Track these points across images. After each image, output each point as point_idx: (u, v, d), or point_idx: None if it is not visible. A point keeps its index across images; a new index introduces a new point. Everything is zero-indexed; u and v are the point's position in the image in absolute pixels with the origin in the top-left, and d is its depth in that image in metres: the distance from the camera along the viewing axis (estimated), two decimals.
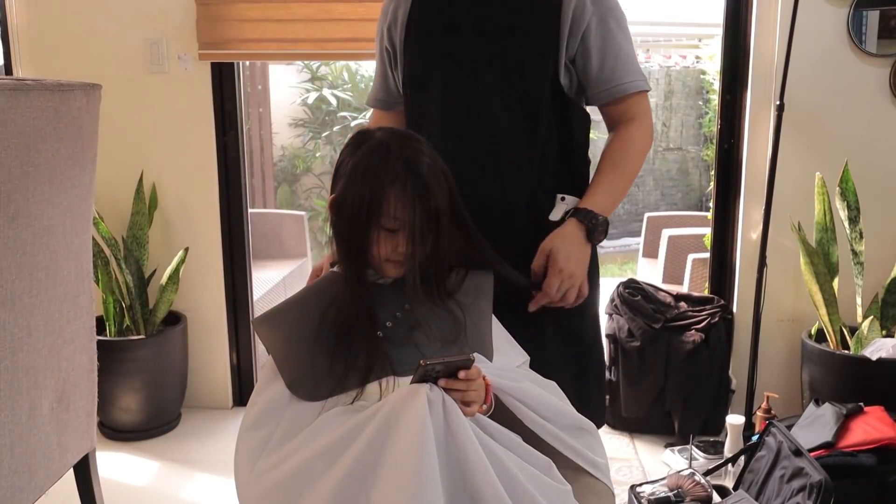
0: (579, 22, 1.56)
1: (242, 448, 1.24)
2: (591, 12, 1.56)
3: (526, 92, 1.57)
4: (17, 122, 1.52)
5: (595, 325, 1.73)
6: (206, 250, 3.12)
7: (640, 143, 1.63)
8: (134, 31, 2.98)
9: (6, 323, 1.56)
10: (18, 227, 1.57)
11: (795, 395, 2.84)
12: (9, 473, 1.61)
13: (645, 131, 1.64)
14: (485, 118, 1.58)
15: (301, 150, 5.64)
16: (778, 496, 2.17)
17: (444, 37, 1.61)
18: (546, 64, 1.56)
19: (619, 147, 1.62)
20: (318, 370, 1.25)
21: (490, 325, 1.39)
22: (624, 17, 1.62)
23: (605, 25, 1.57)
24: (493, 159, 1.57)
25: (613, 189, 1.59)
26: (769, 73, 2.80)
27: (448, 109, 1.61)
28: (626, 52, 1.60)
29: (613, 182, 1.59)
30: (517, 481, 1.14)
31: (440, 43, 1.61)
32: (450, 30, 1.60)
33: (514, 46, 1.57)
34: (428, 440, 1.08)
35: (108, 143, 2.41)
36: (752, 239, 2.92)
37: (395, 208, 1.24)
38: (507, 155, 1.57)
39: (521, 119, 1.57)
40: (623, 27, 1.61)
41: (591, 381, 1.70)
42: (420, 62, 1.64)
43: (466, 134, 1.59)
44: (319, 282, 1.38)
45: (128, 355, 2.90)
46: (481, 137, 1.58)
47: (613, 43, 1.58)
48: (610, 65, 1.58)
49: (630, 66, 1.60)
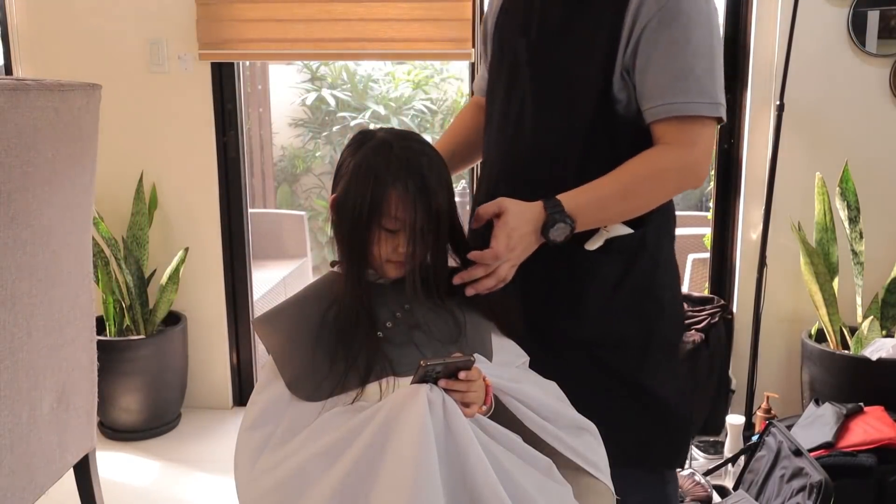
0: (636, 24, 1.32)
1: (242, 448, 1.24)
2: (653, 14, 1.31)
3: (571, 103, 1.40)
4: (17, 122, 1.52)
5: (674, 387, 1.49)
6: (206, 250, 3.12)
7: (663, 168, 1.34)
8: (134, 31, 2.98)
9: (6, 323, 1.56)
10: (18, 227, 1.57)
11: (795, 395, 2.84)
12: (9, 473, 1.61)
13: (679, 160, 1.34)
14: (526, 130, 1.45)
15: (301, 150, 5.64)
16: (778, 496, 2.17)
17: (518, 36, 1.47)
18: (592, 73, 1.36)
19: (636, 162, 1.35)
20: (318, 370, 1.25)
21: (490, 325, 1.39)
22: (701, 27, 1.32)
23: (664, 31, 1.31)
24: (526, 170, 1.45)
25: (602, 201, 1.35)
26: (769, 73, 2.80)
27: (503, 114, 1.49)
28: (686, 67, 1.31)
29: (605, 193, 1.35)
30: (516, 482, 1.14)
31: (511, 42, 1.49)
32: (523, 30, 1.46)
33: (564, 50, 1.40)
34: (428, 441, 1.08)
35: (108, 143, 2.40)
36: (752, 239, 2.92)
37: (396, 209, 1.24)
38: (540, 171, 1.44)
39: (561, 132, 1.42)
40: (692, 37, 1.31)
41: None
42: (495, 57, 1.55)
43: (512, 141, 1.48)
44: (319, 281, 1.38)
45: (128, 355, 2.90)
46: (522, 150, 1.46)
47: (669, 53, 1.31)
48: (658, 80, 1.32)
49: (687, 83, 1.31)
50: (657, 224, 1.46)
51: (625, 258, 1.44)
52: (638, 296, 1.45)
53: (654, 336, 1.47)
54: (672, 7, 1.31)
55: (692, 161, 1.35)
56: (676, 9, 1.31)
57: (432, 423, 1.10)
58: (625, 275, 1.44)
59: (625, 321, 1.46)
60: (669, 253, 1.51)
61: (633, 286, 1.45)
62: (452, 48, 2.87)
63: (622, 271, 1.44)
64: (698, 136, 1.33)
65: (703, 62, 1.32)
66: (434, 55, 3.26)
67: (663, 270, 1.49)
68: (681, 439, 1.56)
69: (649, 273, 1.46)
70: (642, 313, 1.46)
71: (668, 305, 1.50)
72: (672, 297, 1.52)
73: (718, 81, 1.34)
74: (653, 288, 1.47)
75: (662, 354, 1.49)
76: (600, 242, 1.41)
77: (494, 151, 1.54)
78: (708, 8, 1.34)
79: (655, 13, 1.31)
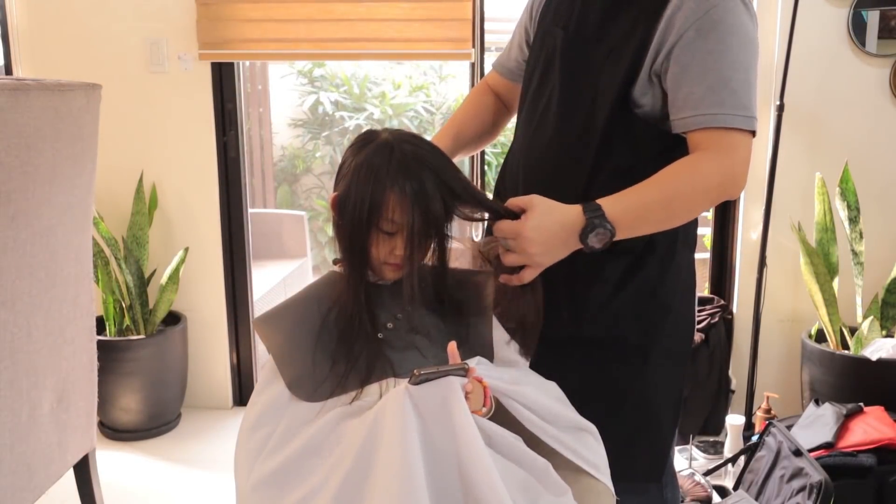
0: (670, 32, 1.30)
1: (242, 449, 1.24)
2: (690, 24, 1.29)
3: (593, 103, 1.38)
4: (17, 122, 1.52)
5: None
6: (206, 250, 3.12)
7: (703, 178, 1.29)
8: (134, 31, 2.98)
9: (6, 323, 1.56)
10: (18, 227, 1.57)
11: (795, 395, 2.84)
12: (9, 473, 1.61)
13: (719, 172, 1.29)
14: (549, 124, 1.44)
15: (301, 150, 5.64)
16: (778, 496, 2.17)
17: (558, 27, 1.45)
18: (617, 77, 1.35)
19: (673, 167, 1.30)
20: (318, 371, 1.25)
21: (490, 325, 1.39)
22: (739, 38, 1.29)
23: (701, 41, 1.28)
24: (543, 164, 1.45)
25: (645, 207, 1.29)
26: (769, 73, 2.80)
27: (534, 104, 1.48)
28: (723, 79, 1.28)
29: (648, 199, 1.29)
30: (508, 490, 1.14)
31: (552, 32, 1.47)
32: (564, 22, 1.45)
33: (594, 52, 1.39)
34: (410, 439, 1.09)
35: (108, 143, 2.41)
36: (752, 239, 2.92)
37: (394, 211, 1.24)
38: (556, 167, 1.42)
39: (579, 131, 1.40)
40: (730, 48, 1.28)
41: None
42: (536, 44, 1.53)
43: (535, 134, 1.47)
44: (320, 281, 1.37)
45: (128, 355, 2.90)
46: (542, 144, 1.45)
47: (706, 63, 1.28)
48: (693, 90, 1.29)
49: (723, 96, 1.28)
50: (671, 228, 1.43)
51: (630, 259, 1.41)
52: (642, 299, 1.42)
53: (656, 342, 1.44)
54: (712, 17, 1.29)
55: (733, 169, 1.31)
56: (716, 19, 1.29)
57: (422, 420, 1.11)
58: (628, 276, 1.42)
59: (625, 324, 1.43)
60: (684, 258, 1.47)
61: (637, 289, 1.42)
62: (452, 48, 2.87)
63: (626, 272, 1.42)
64: (736, 147, 1.30)
65: (740, 74, 1.29)
66: (434, 55, 3.26)
67: (674, 276, 1.45)
68: (658, 451, 1.51)
69: (656, 277, 1.43)
70: (645, 317, 1.43)
71: (676, 312, 1.46)
72: (682, 303, 1.48)
73: (754, 94, 1.32)
74: (659, 293, 1.43)
75: (664, 361, 1.45)
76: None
77: (520, 140, 1.52)
78: (747, 20, 1.32)
79: (694, 22, 1.29)
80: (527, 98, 1.52)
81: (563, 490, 1.23)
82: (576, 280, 1.42)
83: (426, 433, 1.12)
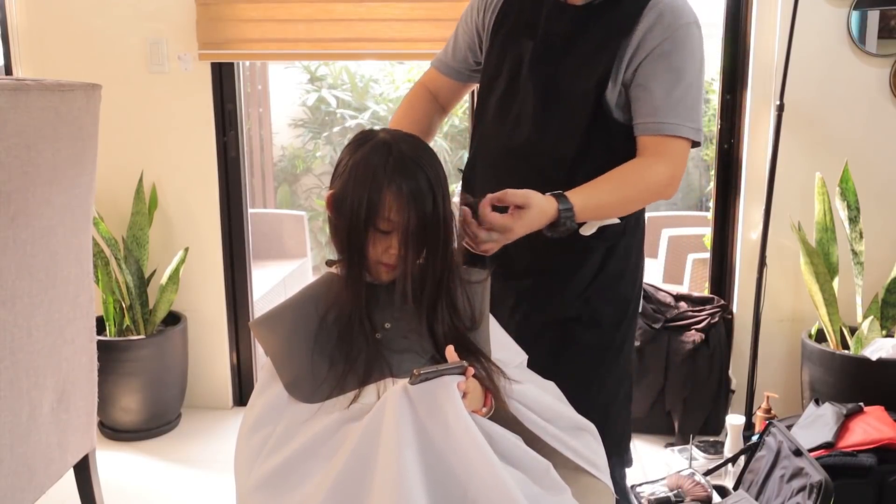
0: (640, 48, 1.48)
1: (242, 450, 1.24)
2: (657, 42, 1.48)
3: (570, 110, 1.53)
4: (17, 122, 1.52)
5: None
6: (206, 250, 3.12)
7: (654, 181, 1.49)
8: (134, 31, 2.98)
9: (6, 323, 1.57)
10: (18, 227, 1.57)
11: (795, 395, 2.84)
12: (9, 473, 1.61)
13: (666, 175, 1.49)
14: (524, 127, 1.56)
15: (301, 150, 5.64)
16: (778, 496, 2.17)
17: (524, 36, 1.57)
18: (590, 86, 1.50)
19: (630, 168, 1.49)
20: (316, 372, 1.25)
21: (488, 325, 1.39)
22: (695, 61, 1.50)
23: (664, 60, 1.48)
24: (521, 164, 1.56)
25: (603, 208, 1.48)
26: (769, 73, 2.80)
27: (502, 108, 1.59)
28: (679, 95, 1.48)
29: (607, 201, 1.48)
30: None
31: (517, 38, 1.58)
32: (529, 30, 1.57)
33: (565, 63, 1.53)
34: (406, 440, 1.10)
35: (108, 143, 2.41)
36: (752, 239, 2.92)
37: (390, 211, 1.24)
38: (535, 167, 1.54)
39: (558, 134, 1.54)
40: (687, 69, 1.49)
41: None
42: (495, 48, 1.62)
43: (510, 136, 1.58)
44: (316, 283, 1.37)
45: (128, 355, 2.90)
46: (519, 145, 1.57)
47: (666, 80, 1.48)
48: (653, 100, 1.48)
49: (678, 109, 1.48)
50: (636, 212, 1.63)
51: (608, 244, 1.60)
52: (615, 279, 1.62)
53: (627, 313, 1.65)
54: (675, 39, 1.48)
55: (675, 176, 1.51)
56: (679, 41, 1.48)
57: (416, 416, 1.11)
58: (606, 259, 1.61)
59: (603, 302, 1.62)
60: (640, 239, 1.69)
61: (612, 270, 1.62)
62: None
63: (605, 256, 1.60)
64: (679, 154, 1.50)
65: (693, 92, 1.50)
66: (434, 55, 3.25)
67: (636, 254, 1.67)
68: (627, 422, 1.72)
69: (624, 257, 1.63)
70: (618, 294, 1.63)
71: (639, 286, 1.69)
72: (640, 277, 1.71)
73: (701, 110, 1.54)
74: (628, 271, 1.65)
75: (631, 329, 1.68)
76: (593, 229, 1.53)
77: (492, 142, 1.64)
78: (700, 44, 1.53)
79: (661, 42, 1.48)
80: (491, 98, 1.63)
81: (562, 489, 1.23)
82: (566, 266, 1.59)
83: (423, 433, 1.12)
